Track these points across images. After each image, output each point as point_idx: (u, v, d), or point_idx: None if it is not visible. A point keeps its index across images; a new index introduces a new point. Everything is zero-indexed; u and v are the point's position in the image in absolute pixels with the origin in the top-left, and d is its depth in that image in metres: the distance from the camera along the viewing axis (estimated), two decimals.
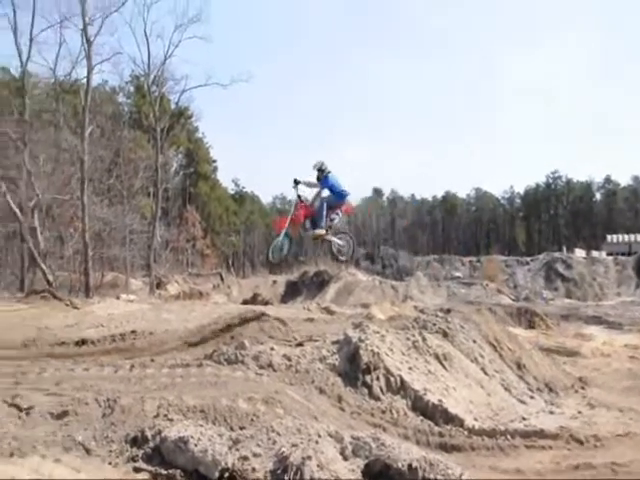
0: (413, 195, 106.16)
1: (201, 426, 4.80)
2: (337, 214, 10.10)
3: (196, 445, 4.40)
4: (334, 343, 8.51)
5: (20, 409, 5.41)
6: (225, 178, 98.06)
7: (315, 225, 9.85)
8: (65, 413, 5.36)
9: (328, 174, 10.00)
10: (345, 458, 4.51)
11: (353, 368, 7.70)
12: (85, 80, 30.41)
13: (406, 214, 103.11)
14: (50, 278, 26.09)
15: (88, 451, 4.77)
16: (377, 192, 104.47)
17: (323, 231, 9.84)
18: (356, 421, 6.52)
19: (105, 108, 37.82)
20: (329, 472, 4.15)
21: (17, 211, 27.08)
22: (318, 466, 4.16)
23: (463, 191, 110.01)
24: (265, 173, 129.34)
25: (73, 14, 29.12)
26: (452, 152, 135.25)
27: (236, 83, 37.52)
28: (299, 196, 10.00)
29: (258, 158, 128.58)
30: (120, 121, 41.70)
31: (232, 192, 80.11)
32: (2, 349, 10.05)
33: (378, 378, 7.56)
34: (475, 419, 7.37)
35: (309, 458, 4.21)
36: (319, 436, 4.65)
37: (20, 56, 29.16)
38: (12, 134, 28.09)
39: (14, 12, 28.46)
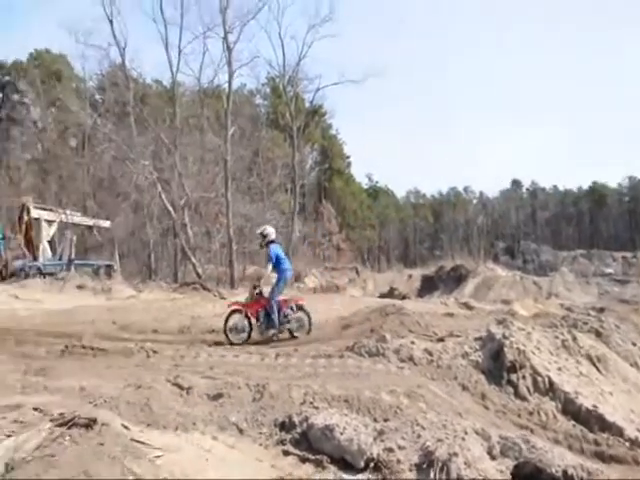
0: (555, 186, 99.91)
1: (346, 415, 4.89)
2: (291, 308, 10.50)
3: (342, 434, 4.49)
4: (476, 339, 8.26)
5: (182, 388, 5.87)
6: (359, 173, 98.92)
7: (269, 321, 10.27)
8: (220, 395, 5.73)
9: (270, 243, 10.52)
10: (493, 458, 4.37)
11: (497, 366, 7.42)
12: (226, 85, 32.34)
13: (548, 206, 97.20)
14: (199, 271, 28.06)
15: (241, 431, 5.07)
16: (516, 184, 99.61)
17: (276, 331, 10.30)
18: (501, 421, 6.28)
19: (244, 110, 39.75)
20: (476, 470, 4.05)
21: (171, 209, 29.45)
22: (465, 463, 4.08)
23: (614, 180, 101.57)
24: (399, 167, 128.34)
25: (215, 24, 31.11)
26: (598, 139, 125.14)
27: (369, 78, 37.85)
28: (258, 291, 10.59)
29: (392, 152, 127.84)
30: (258, 122, 43.63)
31: (366, 187, 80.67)
32: (163, 334, 11.02)
33: (524, 377, 7.21)
34: (638, 429, 6.78)
35: (455, 455, 4.13)
36: (465, 433, 4.55)
37: (171, 68, 31.90)
38: (165, 139, 30.58)
39: (165, 28, 31.10)
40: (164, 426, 5.01)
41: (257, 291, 10.68)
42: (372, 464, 4.32)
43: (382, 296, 24.18)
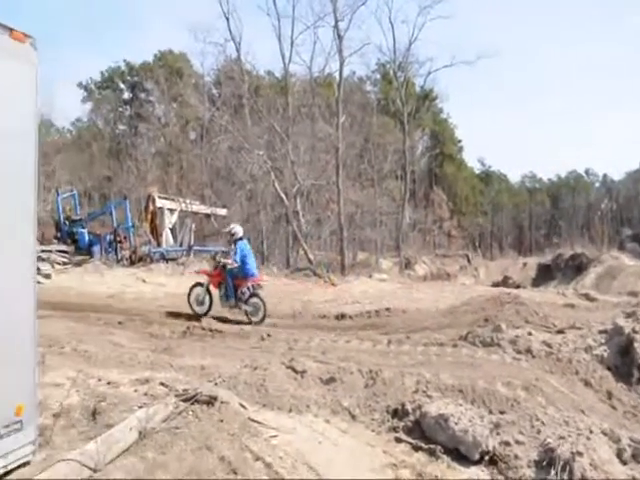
0: None
1: (460, 405, 4.79)
2: (248, 288, 11.11)
3: (456, 424, 4.41)
4: (601, 332, 7.74)
5: (296, 371, 6.03)
6: (471, 158, 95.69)
7: (227, 294, 11.12)
8: (332, 379, 5.82)
9: (238, 241, 11.19)
10: (623, 462, 4.07)
11: (626, 362, 6.90)
12: (337, 73, 32.52)
13: None
14: (311, 257, 28.58)
15: (353, 416, 5.13)
16: None
17: (232, 303, 11.12)
18: (630, 422, 5.85)
19: (355, 97, 39.76)
20: (604, 473, 3.81)
21: (283, 197, 30.21)
22: (590, 464, 3.85)
23: None
24: (513, 151, 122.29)
25: (325, 13, 31.36)
26: None
27: (482, 60, 36.57)
28: (218, 263, 11.31)
29: (506, 136, 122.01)
30: (368, 108, 43.45)
31: (478, 172, 77.94)
32: (276, 318, 11.37)
33: None
34: None
35: (580, 454, 3.92)
36: (590, 432, 4.30)
37: (283, 59, 32.68)
38: (278, 129, 31.38)
39: (278, 21, 31.84)
40: (279, 407, 5.18)
41: (218, 263, 11.40)
42: (487, 457, 4.21)
43: (495, 285, 23.35)
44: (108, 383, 5.43)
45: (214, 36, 34.90)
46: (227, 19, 31.65)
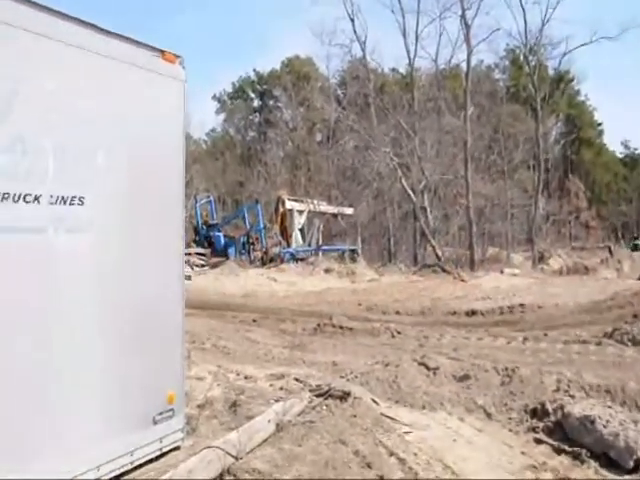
0: None
1: (609, 407, 4.46)
2: None
3: (605, 427, 4.10)
4: None
5: (428, 368, 5.95)
6: (613, 141, 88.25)
7: None
8: (466, 377, 5.67)
9: None
10: None
11: None
12: (464, 64, 31.66)
13: None
14: (439, 253, 28.06)
15: (489, 415, 4.97)
16: None
17: None
18: None
19: (483, 87, 38.46)
20: None
21: (411, 193, 29.97)
22: None
23: None
24: None
25: (452, 3, 30.63)
26: None
27: (627, 32, 33.80)
28: None
29: None
30: (497, 97, 41.78)
31: (621, 156, 71.86)
32: (405, 315, 11.31)
33: None
34: None
35: None
36: None
37: (408, 55, 32.59)
38: (404, 125, 31.18)
39: (403, 17, 31.67)
40: (411, 404, 5.15)
41: None
42: None
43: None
44: (246, 377, 5.71)
45: (339, 38, 35.77)
46: (352, 20, 32.11)
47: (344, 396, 4.85)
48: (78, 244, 3.09)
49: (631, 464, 3.86)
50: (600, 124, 64.35)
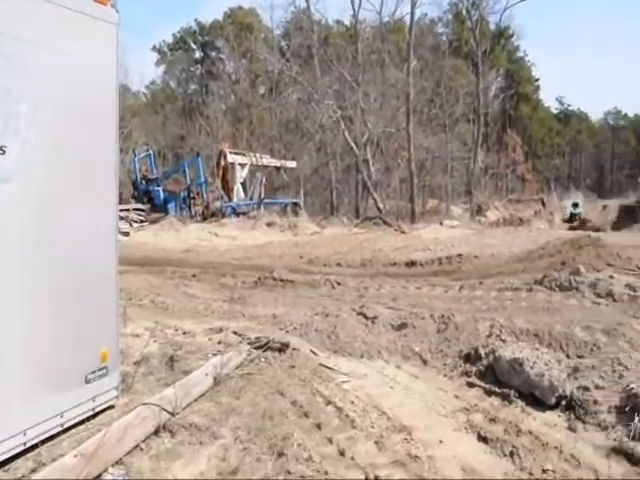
0: None
1: (536, 350, 4.64)
2: None
3: (532, 368, 4.27)
4: None
5: (367, 318, 6.04)
6: (548, 97, 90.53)
7: None
8: (404, 325, 5.79)
9: None
10: None
11: None
12: (408, 16, 31.42)
13: None
14: (380, 206, 28.34)
15: (425, 362, 5.10)
16: None
17: None
18: None
19: (426, 41, 38.37)
20: None
21: (353, 146, 29.92)
22: None
23: None
24: (595, 87, 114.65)
25: None
26: None
27: None
28: None
29: (587, 71, 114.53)
30: (440, 51, 41.84)
31: (556, 111, 73.88)
32: (345, 267, 11.41)
33: None
34: None
35: None
36: None
37: (353, 5, 32.33)
38: (348, 77, 30.84)
39: None
40: (350, 353, 5.22)
41: None
42: (564, 402, 4.06)
43: (572, 228, 22.37)
44: (184, 333, 5.64)
45: None
46: None
47: (283, 348, 4.86)
48: None
49: (553, 400, 4.07)
50: (537, 80, 65.70)
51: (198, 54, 56.14)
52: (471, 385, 4.56)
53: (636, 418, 3.65)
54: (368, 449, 3.40)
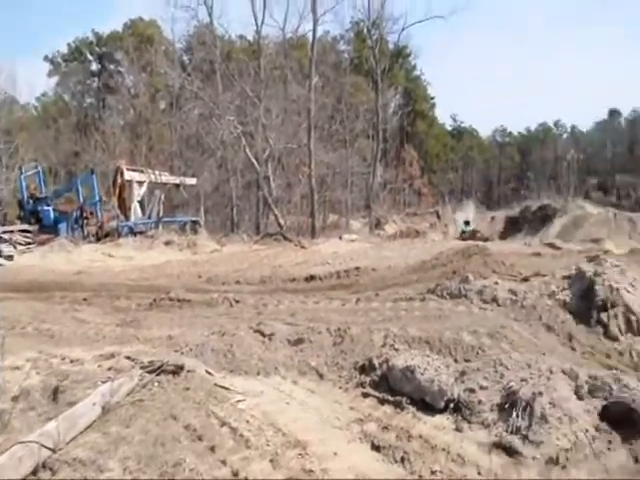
0: None
1: (427, 356, 4.82)
2: None
3: (422, 374, 4.43)
4: (564, 278, 7.83)
5: (264, 335, 6.00)
6: (443, 114, 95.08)
7: None
8: (301, 340, 5.81)
9: None
10: (580, 397, 4.15)
11: (586, 305, 7.00)
12: (310, 33, 32.11)
13: None
14: (281, 222, 28.50)
15: (321, 375, 5.14)
16: (613, 114, 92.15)
17: None
18: (588, 362, 5.96)
19: (328, 58, 39.25)
20: (561, 410, 3.88)
21: (254, 162, 29.92)
22: (550, 403, 3.92)
23: None
24: (485, 106, 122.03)
25: None
26: None
27: (456, 13, 36.61)
28: None
29: (478, 91, 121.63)
30: (341, 68, 42.93)
31: (450, 128, 77.94)
32: (245, 284, 11.31)
33: (616, 316, 6.76)
34: None
35: (540, 394, 3.98)
36: (551, 372, 4.36)
37: (255, 21, 32.43)
38: (250, 93, 30.85)
39: None
40: (246, 371, 5.16)
41: None
42: (452, 405, 4.24)
43: (464, 239, 23.61)
44: (71, 361, 5.35)
45: (185, 0, 33.89)
46: None
47: (177, 370, 4.72)
48: None
49: (442, 404, 4.24)
50: (433, 98, 69.05)
51: (95, 66, 54.20)
52: (366, 395, 4.64)
53: (514, 413, 3.90)
54: (263, 467, 3.37)
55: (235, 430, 3.81)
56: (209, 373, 4.93)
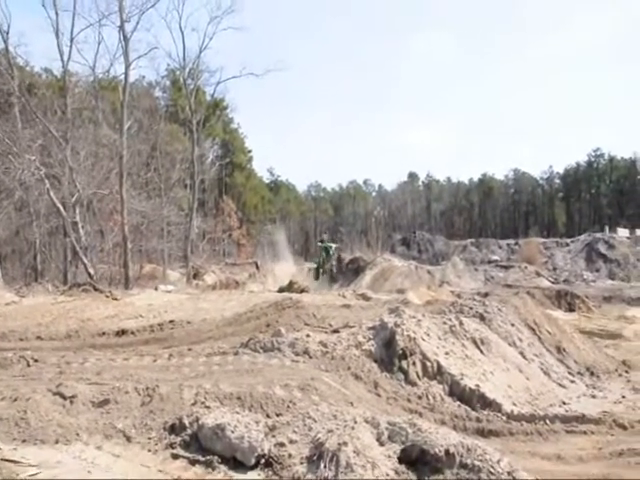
0: (449, 178, 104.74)
1: (238, 413, 4.83)
2: None
3: (233, 432, 4.43)
4: (370, 329, 8.44)
5: (64, 397, 5.54)
6: (260, 167, 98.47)
7: None
8: (106, 401, 5.48)
9: None
10: (381, 444, 4.46)
11: (389, 354, 7.64)
12: (123, 76, 31.05)
13: (442, 198, 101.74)
14: (91, 271, 26.74)
15: (128, 438, 4.87)
16: (412, 176, 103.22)
17: None
18: (392, 407, 6.48)
19: (142, 103, 38.42)
20: (365, 458, 4.12)
21: (60, 207, 27.81)
22: (354, 452, 4.14)
23: (501, 173, 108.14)
24: (300, 161, 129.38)
25: (111, 12, 29.83)
26: (488, 134, 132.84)
27: (271, 73, 38.09)
28: None
29: (293, 146, 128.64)
30: (157, 115, 42.28)
31: (267, 181, 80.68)
32: (47, 340, 10.37)
33: (414, 363, 7.49)
34: (514, 404, 7.25)
35: (345, 444, 4.18)
36: (355, 422, 4.62)
37: (62, 57, 30.36)
38: (55, 132, 28.81)
39: (56, 14, 29.34)
40: (42, 440, 4.70)
41: None
42: (263, 460, 4.30)
43: (281, 290, 24.26)
44: None
45: None
46: None
47: None
48: None
49: (253, 461, 4.27)
50: (250, 151, 71.16)
51: None
52: (175, 457, 4.49)
53: (321, 465, 4.07)
54: None
55: None
56: None
